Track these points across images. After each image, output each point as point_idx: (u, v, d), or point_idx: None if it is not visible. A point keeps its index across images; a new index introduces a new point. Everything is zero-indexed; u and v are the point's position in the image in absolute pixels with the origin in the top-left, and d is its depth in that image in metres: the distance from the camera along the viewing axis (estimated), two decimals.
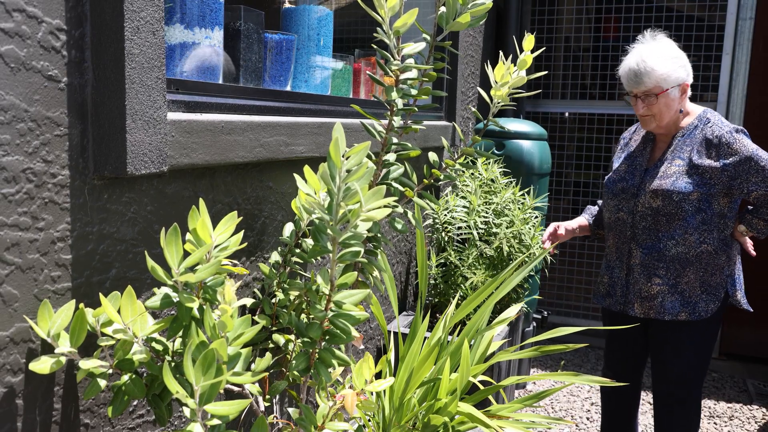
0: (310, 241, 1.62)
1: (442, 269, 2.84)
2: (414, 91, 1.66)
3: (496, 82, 1.74)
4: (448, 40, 1.66)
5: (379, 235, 1.68)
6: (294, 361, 1.41)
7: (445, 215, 2.82)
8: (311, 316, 1.40)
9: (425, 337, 2.32)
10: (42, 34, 1.14)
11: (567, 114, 4.20)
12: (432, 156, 1.82)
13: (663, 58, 2.07)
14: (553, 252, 2.28)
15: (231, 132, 1.56)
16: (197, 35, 1.64)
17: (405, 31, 1.57)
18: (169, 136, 1.36)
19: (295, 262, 1.63)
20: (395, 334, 2.61)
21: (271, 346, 1.61)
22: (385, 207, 1.23)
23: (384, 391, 1.85)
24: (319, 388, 1.42)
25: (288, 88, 2.06)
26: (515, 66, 1.72)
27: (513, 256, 2.74)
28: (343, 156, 1.20)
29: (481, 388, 1.86)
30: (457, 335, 2.00)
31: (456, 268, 2.77)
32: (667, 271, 2.15)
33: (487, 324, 2.06)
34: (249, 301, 1.35)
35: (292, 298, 1.60)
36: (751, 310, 2.22)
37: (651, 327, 2.25)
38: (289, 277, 1.63)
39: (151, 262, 1.19)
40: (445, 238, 2.81)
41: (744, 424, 3.21)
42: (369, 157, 1.66)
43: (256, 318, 1.58)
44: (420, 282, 2.18)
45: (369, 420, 1.83)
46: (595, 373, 3.78)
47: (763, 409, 3.38)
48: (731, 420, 3.25)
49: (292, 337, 1.60)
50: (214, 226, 1.25)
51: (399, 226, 1.73)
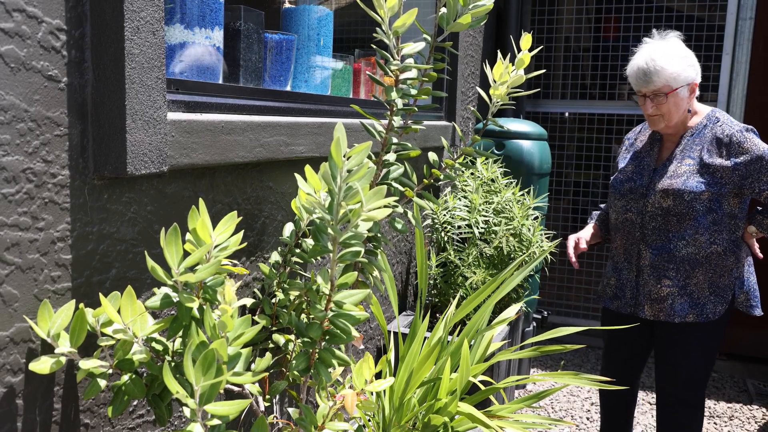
0: (310, 241, 1.62)
1: (441, 269, 2.84)
2: (414, 91, 1.66)
3: (495, 82, 1.74)
4: (448, 40, 1.67)
5: (379, 235, 1.68)
6: (294, 361, 1.41)
7: (444, 215, 2.82)
8: (311, 316, 1.40)
9: (425, 337, 2.32)
10: (42, 34, 1.14)
11: (567, 114, 4.20)
12: (432, 156, 1.82)
13: (673, 57, 2.05)
14: (577, 266, 2.27)
15: (231, 132, 1.56)
16: (197, 35, 1.64)
17: (404, 31, 1.57)
18: (169, 136, 1.36)
19: (295, 262, 1.63)
20: (395, 334, 2.61)
21: (271, 346, 1.61)
22: (385, 207, 1.23)
23: (384, 391, 1.85)
24: (319, 388, 1.42)
25: (288, 88, 2.06)
26: (513, 65, 1.72)
27: (513, 255, 2.74)
28: (344, 156, 1.20)
29: (482, 388, 1.86)
30: (457, 335, 2.00)
31: (456, 267, 2.77)
32: (677, 272, 2.13)
33: (487, 324, 2.06)
34: (249, 301, 1.35)
35: (292, 298, 1.60)
36: (760, 314, 2.19)
37: (658, 329, 2.23)
38: (289, 277, 1.63)
39: (151, 262, 1.19)
40: (445, 238, 2.81)
41: (744, 424, 3.21)
42: (369, 157, 1.66)
43: (256, 318, 1.58)
44: (420, 282, 2.18)
45: (369, 420, 1.83)
46: (595, 373, 3.78)
47: (763, 409, 3.38)
48: (731, 420, 3.25)
49: (292, 337, 1.60)
50: (214, 226, 1.25)
51: (399, 226, 1.73)
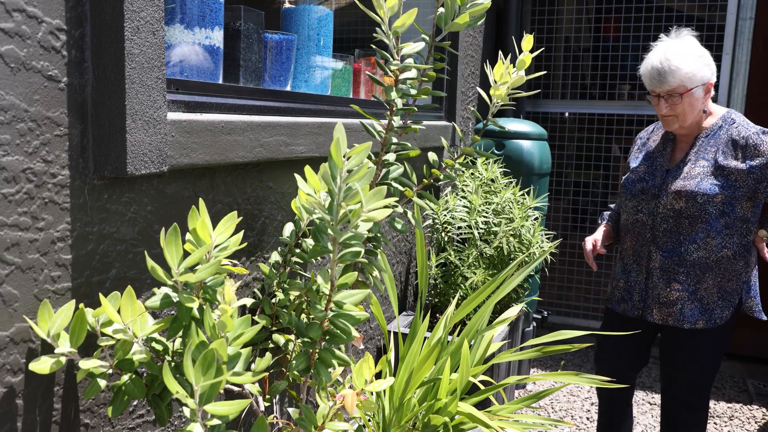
0: (310, 241, 1.62)
1: (442, 269, 2.84)
2: (413, 91, 1.66)
3: (495, 82, 1.74)
4: (447, 40, 1.66)
5: (379, 235, 1.68)
6: (294, 361, 1.41)
7: (444, 215, 2.82)
8: (311, 316, 1.40)
9: (425, 337, 2.32)
10: (42, 34, 1.14)
11: (567, 114, 4.20)
12: (432, 156, 1.82)
13: (688, 56, 2.00)
14: (596, 268, 2.27)
15: (231, 132, 1.56)
16: (197, 35, 1.64)
17: (404, 31, 1.56)
18: (169, 136, 1.36)
19: (295, 262, 1.63)
20: (395, 334, 2.61)
21: (271, 346, 1.61)
22: (385, 207, 1.23)
23: (384, 391, 1.85)
24: (319, 388, 1.42)
25: (288, 88, 2.06)
26: (514, 66, 1.72)
27: (513, 255, 2.74)
28: (344, 156, 1.20)
29: (482, 387, 1.86)
30: (457, 335, 2.00)
31: (456, 268, 2.77)
32: (687, 277, 2.09)
33: (487, 324, 2.06)
34: (249, 301, 1.35)
35: (292, 298, 1.60)
36: (765, 318, 2.17)
37: (665, 332, 2.20)
38: (289, 277, 1.63)
39: (151, 262, 1.19)
40: (445, 238, 2.81)
41: (744, 424, 3.20)
42: (369, 157, 1.66)
43: (256, 318, 1.58)
44: (420, 282, 2.18)
45: (369, 420, 1.83)
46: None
47: (763, 409, 3.38)
48: (731, 420, 3.25)
49: (292, 337, 1.60)
50: (214, 226, 1.25)
51: (399, 226, 1.73)
